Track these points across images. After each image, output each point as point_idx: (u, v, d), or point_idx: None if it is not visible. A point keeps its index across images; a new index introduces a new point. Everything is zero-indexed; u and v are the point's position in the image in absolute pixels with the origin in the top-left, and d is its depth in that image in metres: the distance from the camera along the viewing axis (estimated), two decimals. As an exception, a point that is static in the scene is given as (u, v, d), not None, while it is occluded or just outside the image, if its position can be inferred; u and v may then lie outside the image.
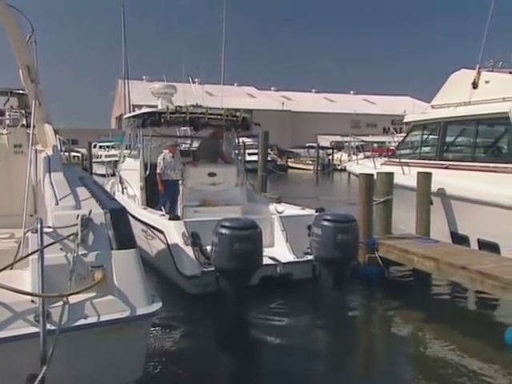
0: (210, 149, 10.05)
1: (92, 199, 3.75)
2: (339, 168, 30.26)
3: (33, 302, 2.83)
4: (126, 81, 31.08)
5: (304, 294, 6.95)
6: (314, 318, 6.43)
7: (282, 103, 65.47)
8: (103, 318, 2.97)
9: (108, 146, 36.28)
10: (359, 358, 5.51)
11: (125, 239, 3.29)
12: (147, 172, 9.32)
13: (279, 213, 8.57)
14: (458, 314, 6.48)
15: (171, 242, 6.90)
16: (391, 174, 8.54)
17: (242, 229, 6.05)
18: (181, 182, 9.24)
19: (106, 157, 30.97)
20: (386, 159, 11.62)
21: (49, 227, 3.15)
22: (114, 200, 3.95)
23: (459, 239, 8.41)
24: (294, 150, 50.34)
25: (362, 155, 13.94)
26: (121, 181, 10.36)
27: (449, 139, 9.92)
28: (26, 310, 2.83)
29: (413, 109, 31.28)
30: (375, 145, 33.43)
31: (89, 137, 34.99)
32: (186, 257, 6.66)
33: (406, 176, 9.34)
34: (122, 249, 3.23)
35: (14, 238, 4.64)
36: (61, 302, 2.88)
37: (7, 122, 7.67)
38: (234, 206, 9.26)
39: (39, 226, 3.02)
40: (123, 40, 29.63)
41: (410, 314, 6.38)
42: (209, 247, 6.41)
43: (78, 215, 3.18)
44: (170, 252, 6.84)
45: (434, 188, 8.47)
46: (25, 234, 3.41)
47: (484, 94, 8.91)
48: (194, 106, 9.77)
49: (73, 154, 27.36)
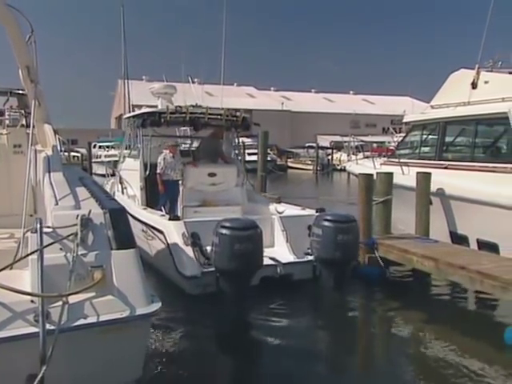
0: (209, 149, 10.03)
1: (91, 199, 3.76)
2: (339, 168, 30.20)
3: (32, 301, 2.83)
4: (126, 81, 31.14)
5: (304, 294, 6.94)
6: (314, 319, 6.42)
7: (282, 103, 65.49)
8: (103, 317, 2.97)
9: (108, 146, 36.35)
10: (359, 358, 5.50)
11: (124, 239, 3.30)
12: (147, 172, 9.29)
13: (279, 213, 8.55)
14: (458, 314, 6.48)
15: (171, 242, 6.89)
16: (391, 174, 8.55)
17: (242, 229, 6.03)
18: (181, 182, 9.22)
19: (106, 157, 31.01)
20: (385, 159, 11.62)
21: (48, 227, 3.15)
22: (114, 200, 3.96)
23: (458, 239, 8.41)
24: (293, 150, 50.38)
25: (361, 155, 13.92)
26: (121, 181, 10.35)
27: (448, 139, 9.92)
28: (26, 309, 2.83)
29: (412, 109, 31.26)
30: (375, 145, 33.48)
31: (88, 137, 35.04)
32: (186, 257, 6.65)
33: (405, 176, 9.33)
34: (122, 249, 3.23)
35: (14, 238, 4.65)
36: (60, 302, 2.88)
37: (7, 122, 7.66)
38: (234, 207, 9.24)
39: (39, 225, 3.02)
40: (123, 40, 29.76)
41: (410, 315, 6.38)
42: (209, 247, 6.39)
43: (78, 215, 3.18)
44: (170, 252, 6.83)
45: (433, 188, 8.47)
46: (24, 233, 3.42)
47: (483, 94, 8.91)
48: (194, 106, 9.74)
49: (72, 154, 27.34)
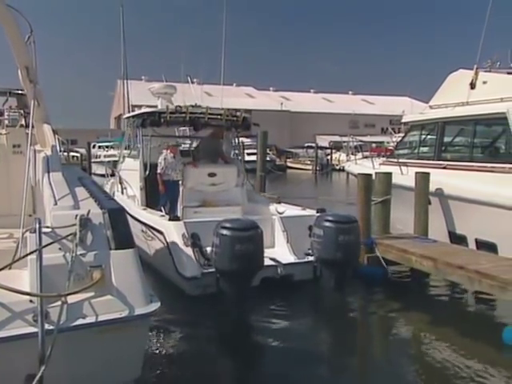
0: (209, 149, 10.00)
1: (91, 199, 3.76)
2: (338, 168, 30.23)
3: (31, 301, 2.84)
4: (125, 81, 31.05)
5: (305, 295, 6.92)
6: (315, 320, 6.40)
7: (281, 103, 65.51)
8: (101, 317, 2.97)
9: (107, 146, 36.34)
10: (360, 359, 5.48)
11: (123, 239, 3.30)
12: (147, 172, 9.27)
13: (280, 213, 8.50)
14: (456, 315, 6.48)
15: (171, 242, 6.86)
16: (389, 174, 8.55)
17: (242, 230, 5.99)
18: (181, 183, 9.20)
19: (105, 157, 30.99)
20: (384, 159, 11.63)
21: (47, 227, 3.16)
22: (113, 200, 3.96)
23: (457, 239, 8.42)
24: (292, 150, 50.43)
25: (360, 155, 13.92)
26: (120, 181, 10.34)
27: (447, 139, 9.93)
28: (25, 309, 2.83)
29: (411, 109, 31.36)
30: (373, 145, 33.60)
31: (88, 137, 35.08)
32: (186, 258, 6.62)
33: (404, 176, 9.34)
34: (121, 249, 3.23)
35: (13, 238, 4.65)
36: (59, 302, 2.88)
37: (6, 122, 7.67)
38: (234, 207, 9.21)
39: (38, 225, 3.03)
40: (122, 40, 29.62)
41: (409, 315, 6.38)
42: (209, 248, 6.35)
43: (77, 215, 3.19)
44: (170, 253, 6.81)
45: (432, 188, 8.48)
46: (23, 233, 3.42)
47: (482, 95, 8.92)
48: (194, 105, 9.71)
49: (72, 154, 27.32)
